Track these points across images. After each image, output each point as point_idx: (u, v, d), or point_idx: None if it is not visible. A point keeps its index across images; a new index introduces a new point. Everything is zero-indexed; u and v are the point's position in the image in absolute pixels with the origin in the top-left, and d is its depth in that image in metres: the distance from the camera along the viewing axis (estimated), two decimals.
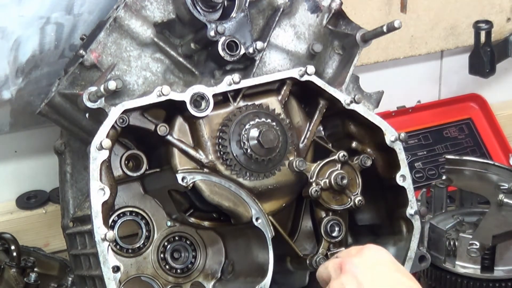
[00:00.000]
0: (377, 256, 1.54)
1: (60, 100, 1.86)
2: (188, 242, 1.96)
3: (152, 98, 1.70)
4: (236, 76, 1.77)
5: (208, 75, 1.89)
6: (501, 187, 2.23)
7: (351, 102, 1.87)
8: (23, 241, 2.20)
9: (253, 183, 1.80)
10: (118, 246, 1.88)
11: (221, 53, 1.84)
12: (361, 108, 1.88)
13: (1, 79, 2.09)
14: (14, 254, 2.06)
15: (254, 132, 1.77)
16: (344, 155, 1.83)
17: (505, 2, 2.82)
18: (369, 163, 1.88)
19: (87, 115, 1.76)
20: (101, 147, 1.63)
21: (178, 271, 1.95)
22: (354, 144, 1.95)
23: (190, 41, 1.89)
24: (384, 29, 1.90)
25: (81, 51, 1.82)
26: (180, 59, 1.88)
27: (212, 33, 1.83)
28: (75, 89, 1.83)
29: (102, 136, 1.64)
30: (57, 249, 2.33)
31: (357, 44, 1.97)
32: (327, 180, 1.81)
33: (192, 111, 1.74)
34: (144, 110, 1.76)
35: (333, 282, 1.51)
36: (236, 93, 1.81)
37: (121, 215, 1.90)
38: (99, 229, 1.61)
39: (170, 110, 1.77)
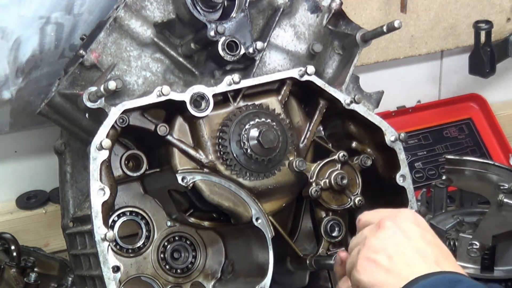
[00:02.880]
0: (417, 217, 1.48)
1: (60, 100, 1.86)
2: (188, 242, 1.96)
3: (152, 98, 1.70)
4: (236, 76, 1.77)
5: (208, 75, 1.89)
6: (501, 187, 2.23)
7: (351, 102, 1.87)
8: (23, 241, 2.19)
9: (253, 183, 1.80)
10: (118, 246, 1.88)
11: (221, 53, 1.84)
12: (361, 108, 1.88)
13: (1, 79, 2.09)
14: (14, 254, 2.06)
15: (254, 132, 1.77)
16: (344, 155, 1.83)
17: (505, 2, 2.82)
18: (369, 163, 1.88)
19: (87, 115, 1.76)
20: (101, 147, 1.63)
21: (178, 271, 1.95)
22: (354, 144, 1.95)
23: (190, 41, 1.89)
24: (384, 29, 1.90)
25: (81, 51, 1.82)
26: (180, 59, 1.88)
27: (212, 33, 1.83)
28: (75, 89, 1.83)
29: (102, 136, 1.64)
30: (57, 249, 2.33)
31: (357, 44, 1.97)
32: (327, 180, 1.81)
33: (192, 111, 1.74)
34: (144, 110, 1.76)
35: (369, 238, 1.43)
36: (236, 93, 1.81)
37: (121, 215, 1.90)
38: (99, 229, 1.61)
39: (170, 110, 1.77)
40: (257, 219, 1.78)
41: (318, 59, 1.99)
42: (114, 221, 1.88)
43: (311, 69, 1.84)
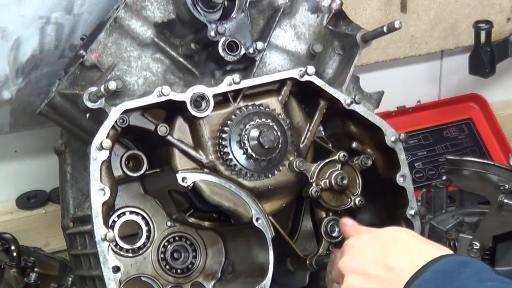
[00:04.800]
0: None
1: (60, 100, 1.86)
2: (188, 242, 1.96)
3: (152, 98, 1.70)
4: (236, 76, 1.76)
5: (208, 75, 1.89)
6: (501, 188, 2.23)
7: (352, 102, 1.87)
8: (23, 241, 2.19)
9: (253, 184, 1.80)
10: (118, 246, 1.88)
11: (221, 53, 1.84)
12: (361, 109, 1.88)
13: (1, 79, 2.09)
14: (14, 254, 2.06)
15: (254, 132, 1.77)
16: (344, 155, 1.83)
17: (505, 2, 2.82)
18: (369, 163, 1.88)
19: (87, 115, 1.76)
20: (101, 147, 1.63)
21: (178, 271, 1.95)
22: (354, 145, 1.95)
23: (190, 41, 1.89)
24: (385, 29, 1.90)
25: (81, 51, 1.82)
26: (181, 59, 1.88)
27: (212, 33, 1.83)
28: (76, 89, 1.83)
29: (102, 136, 1.64)
30: (57, 249, 2.33)
31: (357, 45, 1.97)
32: (327, 181, 1.81)
33: (192, 111, 1.73)
34: (144, 110, 1.76)
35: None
36: (236, 93, 1.81)
37: (121, 215, 1.90)
38: (99, 229, 1.61)
39: (170, 110, 1.77)
40: (257, 219, 1.78)
41: (318, 59, 1.99)
42: (114, 221, 1.88)
43: (311, 69, 1.84)
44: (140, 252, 1.91)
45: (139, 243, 1.91)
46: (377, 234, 1.48)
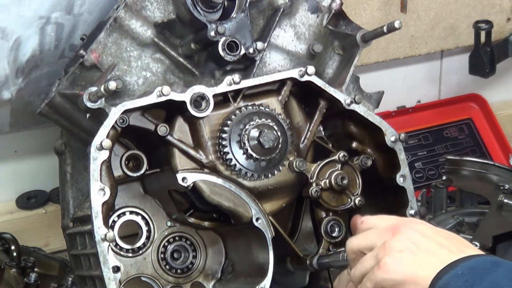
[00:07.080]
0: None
1: (60, 100, 1.86)
2: (188, 242, 1.96)
3: (152, 98, 1.70)
4: (236, 76, 1.76)
5: (208, 75, 1.89)
6: (501, 188, 2.23)
7: (351, 102, 1.87)
8: (23, 241, 2.19)
9: (253, 183, 1.80)
10: (118, 246, 1.88)
11: (221, 53, 1.84)
12: (361, 109, 1.88)
13: (1, 79, 2.09)
14: (14, 254, 2.06)
15: (254, 132, 1.77)
16: (344, 155, 1.83)
17: (505, 2, 2.82)
18: (369, 163, 1.88)
19: (87, 115, 1.76)
20: (101, 147, 1.63)
21: (178, 271, 1.95)
22: (354, 145, 1.95)
23: (190, 41, 1.89)
24: (385, 29, 1.90)
25: (81, 51, 1.82)
26: (180, 59, 1.88)
27: (212, 33, 1.83)
28: (76, 89, 1.83)
29: (102, 137, 1.64)
30: (57, 249, 2.33)
31: (357, 45, 1.97)
32: (327, 181, 1.81)
33: (192, 111, 1.73)
34: (144, 110, 1.76)
35: (387, 242, 1.43)
36: (236, 93, 1.81)
37: (121, 215, 1.90)
38: (99, 229, 1.61)
39: (170, 110, 1.77)
40: (257, 219, 1.78)
41: (318, 59, 1.99)
42: (114, 221, 1.88)
43: (311, 69, 1.84)
44: (140, 252, 1.91)
45: (139, 243, 1.91)
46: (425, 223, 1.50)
